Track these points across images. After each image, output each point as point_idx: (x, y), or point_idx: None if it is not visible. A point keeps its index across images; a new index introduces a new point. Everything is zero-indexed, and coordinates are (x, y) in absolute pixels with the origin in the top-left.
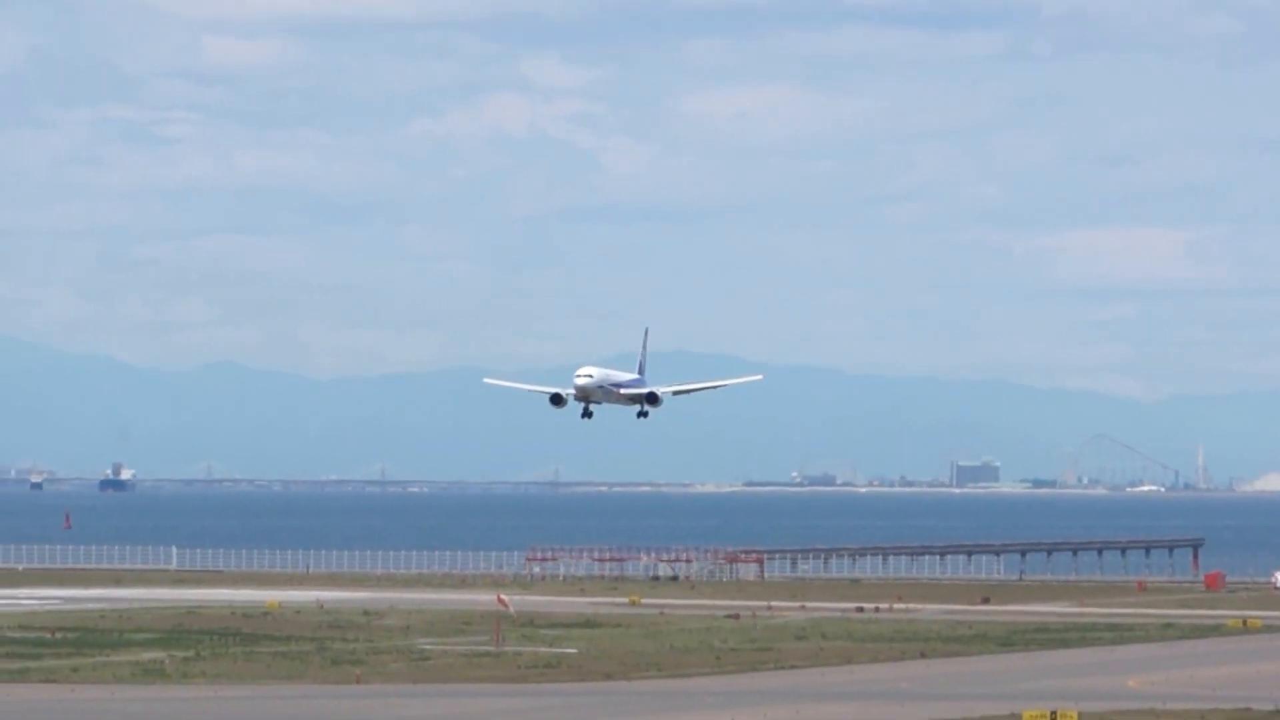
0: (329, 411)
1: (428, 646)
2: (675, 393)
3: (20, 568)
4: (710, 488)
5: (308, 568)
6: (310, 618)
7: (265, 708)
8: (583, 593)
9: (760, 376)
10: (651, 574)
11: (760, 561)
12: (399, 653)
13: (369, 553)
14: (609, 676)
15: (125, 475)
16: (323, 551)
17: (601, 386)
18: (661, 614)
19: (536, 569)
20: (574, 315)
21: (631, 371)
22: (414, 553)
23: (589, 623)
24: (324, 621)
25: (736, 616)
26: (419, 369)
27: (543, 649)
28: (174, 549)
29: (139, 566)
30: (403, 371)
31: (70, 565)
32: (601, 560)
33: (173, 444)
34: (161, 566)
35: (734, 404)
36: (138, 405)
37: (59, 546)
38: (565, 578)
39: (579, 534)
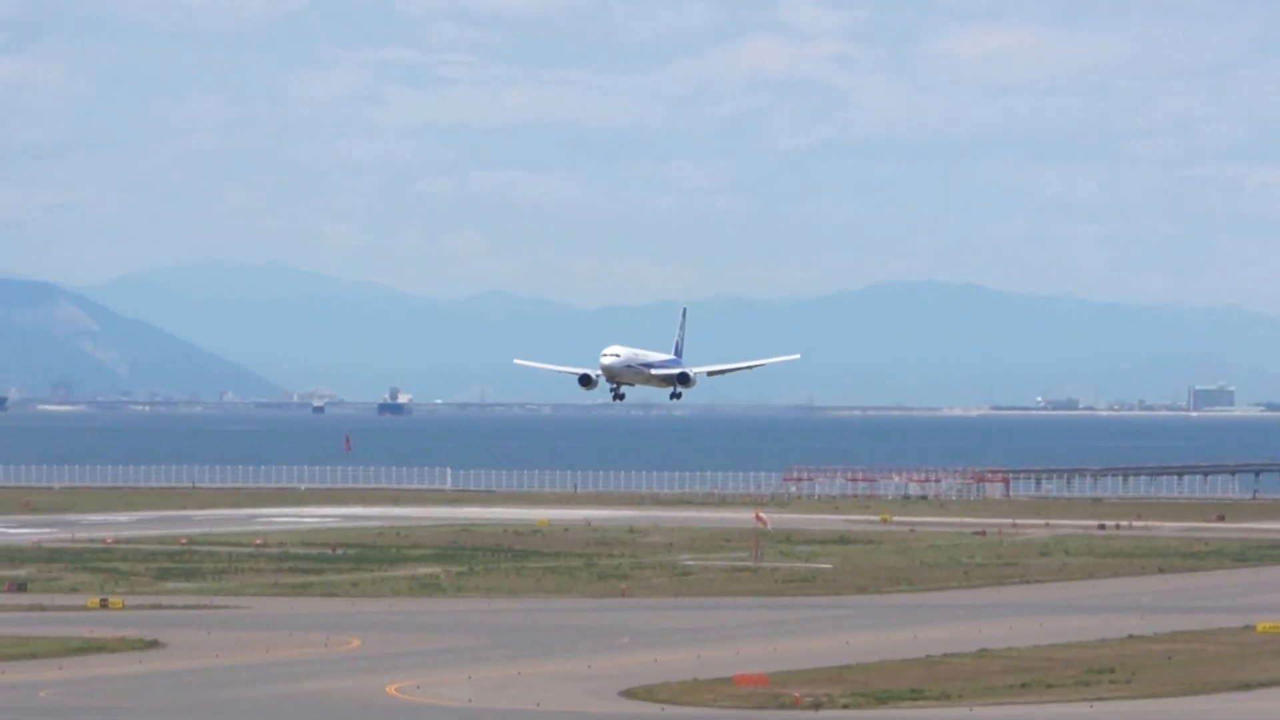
0: (596, 338)
1: (689, 562)
2: (710, 373)
3: (303, 487)
4: (958, 411)
5: (575, 488)
6: (578, 535)
7: (536, 620)
8: (837, 511)
9: (797, 355)
10: (902, 493)
11: (1006, 481)
12: (662, 568)
13: (633, 473)
14: (862, 590)
15: (402, 399)
16: (590, 472)
17: (630, 366)
18: (911, 531)
19: (793, 488)
20: (829, 247)
21: (666, 352)
22: (676, 473)
23: (843, 539)
24: (591, 539)
25: (983, 533)
26: (683, 297)
27: (799, 564)
28: (448, 470)
29: (415, 487)
30: (666, 299)
31: (350, 485)
32: (854, 480)
33: (448, 369)
34: (436, 487)
35: (980, 332)
36: (414, 333)
37: (340, 468)
38: (820, 497)
39: (833, 455)
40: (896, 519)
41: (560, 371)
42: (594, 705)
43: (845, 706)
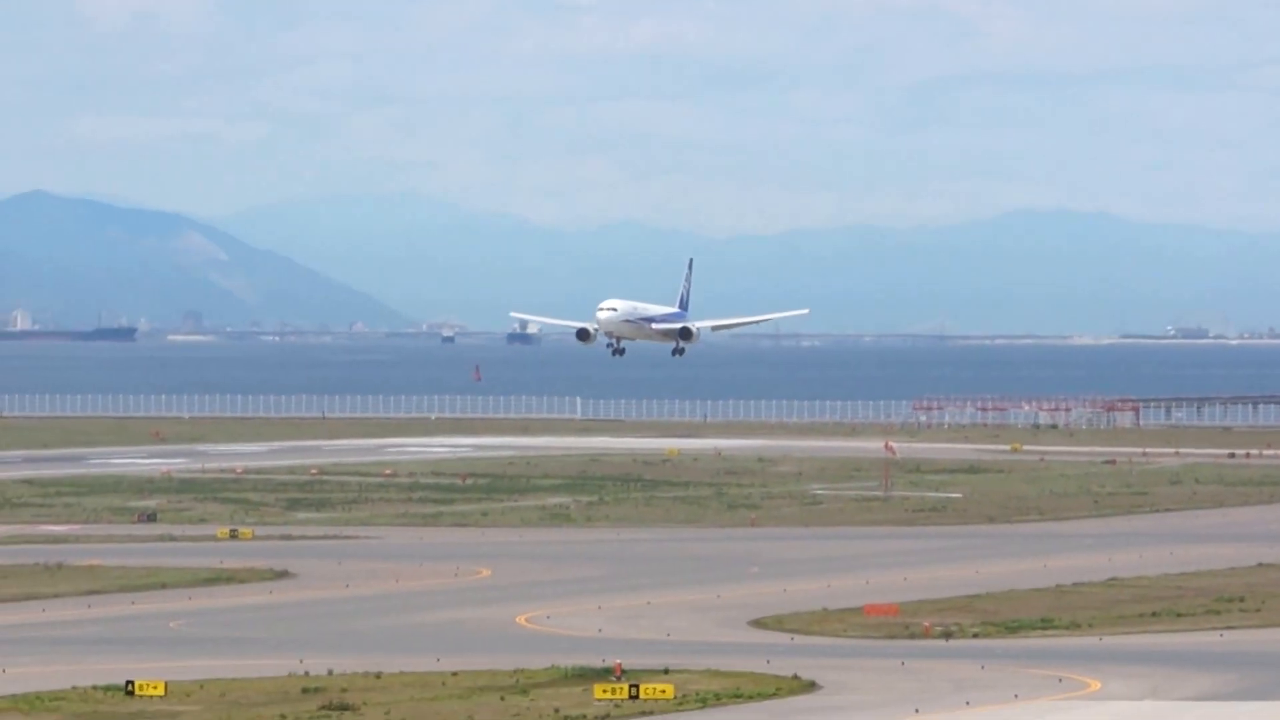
0: (726, 268)
1: (819, 491)
2: (715, 328)
3: (433, 417)
4: (1088, 340)
5: (705, 417)
6: (707, 464)
7: (665, 550)
8: (966, 440)
9: (806, 311)
10: (1032, 422)
11: (1136, 410)
12: (792, 497)
13: (763, 402)
14: (991, 520)
15: (531, 329)
16: (719, 401)
17: (629, 320)
18: (1041, 460)
19: (923, 417)
20: (959, 176)
21: (670, 305)
22: (806, 402)
23: (972, 468)
24: (721, 468)
25: (1113, 462)
26: (812, 227)
27: (928, 494)
28: (577, 399)
29: (544, 416)
30: (797, 229)
31: (480, 415)
32: (984, 409)
33: (578, 300)
34: (566, 416)
35: (1110, 260)
36: (544, 262)
37: (469, 397)
38: (950, 426)
39: (963, 384)
40: (1026, 448)
41: (558, 325)
42: (723, 635)
43: (975, 636)
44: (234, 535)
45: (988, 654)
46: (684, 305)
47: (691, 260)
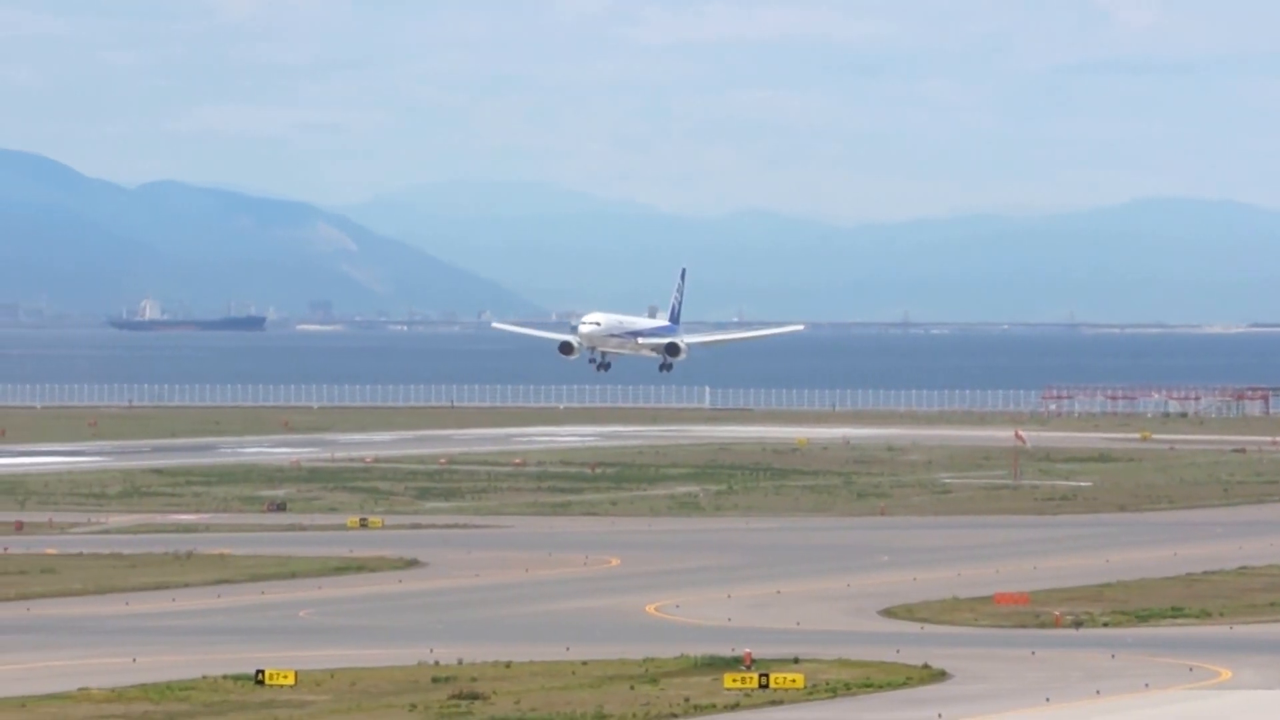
0: (853, 256)
1: (948, 480)
2: (705, 344)
3: (561, 406)
4: (1218, 329)
5: (834, 406)
6: (837, 453)
7: (794, 539)
8: (1096, 429)
9: (801, 326)
10: (1162, 410)
11: (1266, 398)
12: (921, 486)
13: (892, 392)
14: (1122, 508)
15: (660, 319)
16: (848, 390)
17: (613, 334)
18: (1171, 449)
19: (1052, 406)
20: (1086, 164)
21: (661, 319)
22: (935, 391)
23: (1102, 457)
24: (850, 457)
25: (1243, 451)
26: (939, 214)
27: (1058, 482)
28: (706, 389)
29: (673, 405)
30: (923, 217)
31: (608, 404)
32: (1114, 398)
33: (705, 288)
34: (695, 405)
35: (1240, 248)
36: (671, 250)
37: (598, 386)
38: (1079, 414)
39: (1092, 373)
40: (1156, 436)
41: (540, 337)
42: (853, 624)
43: (1106, 625)
44: (364, 524)
45: (1118, 643)
46: (675, 318)
47: (684, 271)
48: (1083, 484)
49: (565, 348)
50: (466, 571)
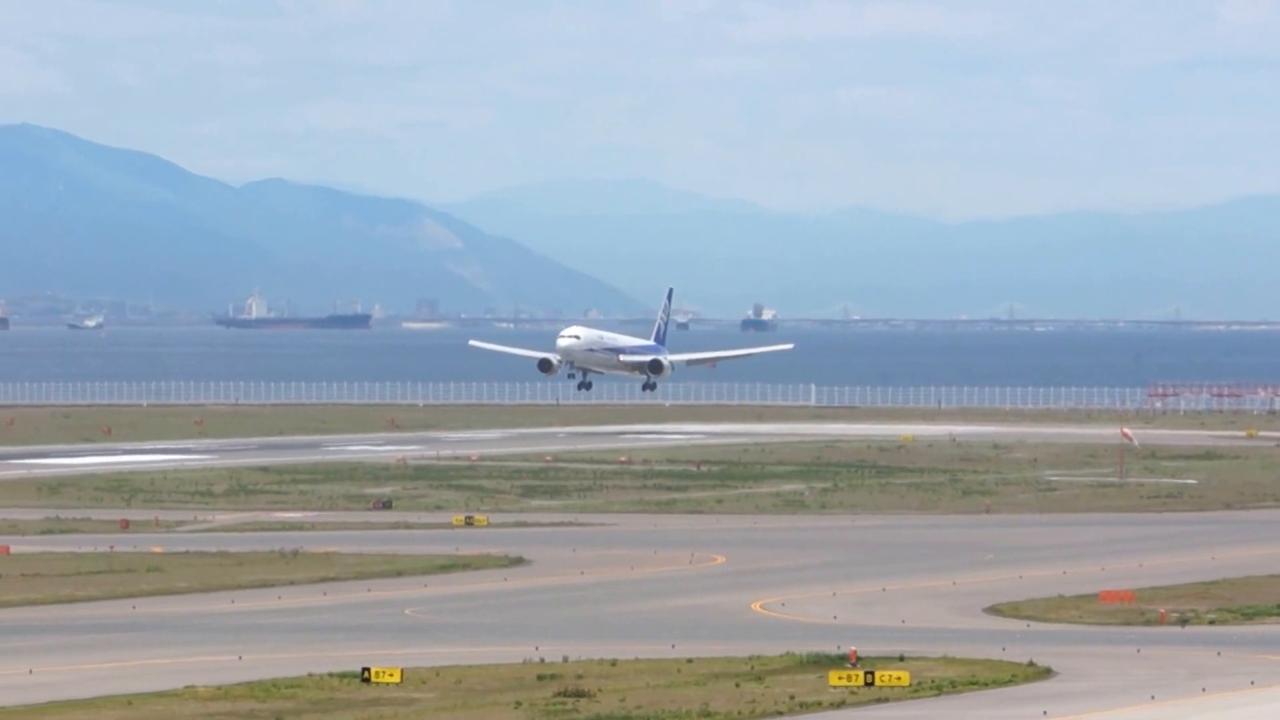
0: (958, 253)
1: (1054, 478)
2: (690, 363)
3: (667, 404)
4: None
5: (940, 403)
6: (942, 451)
7: (900, 536)
8: (1202, 426)
9: (790, 345)
10: (1268, 408)
11: None
12: (1026, 484)
13: (997, 389)
14: (1228, 506)
15: (766, 316)
16: (954, 388)
17: (593, 350)
18: (1278, 446)
19: (1158, 404)
20: (1191, 161)
21: (645, 338)
22: (1040, 389)
23: (1209, 455)
24: (955, 454)
25: None
26: (1044, 212)
27: (1164, 480)
28: (812, 386)
29: (779, 403)
30: (1028, 214)
31: (714, 401)
32: (1220, 395)
33: (810, 286)
34: (801, 403)
35: None
36: (776, 248)
37: (703, 384)
38: (1185, 412)
39: (1198, 370)
40: (1263, 434)
41: (518, 354)
42: (959, 622)
43: (1211, 622)
44: (469, 522)
45: (1224, 641)
46: (660, 339)
47: (670, 291)
48: (1188, 481)
49: (544, 365)
50: (571, 569)
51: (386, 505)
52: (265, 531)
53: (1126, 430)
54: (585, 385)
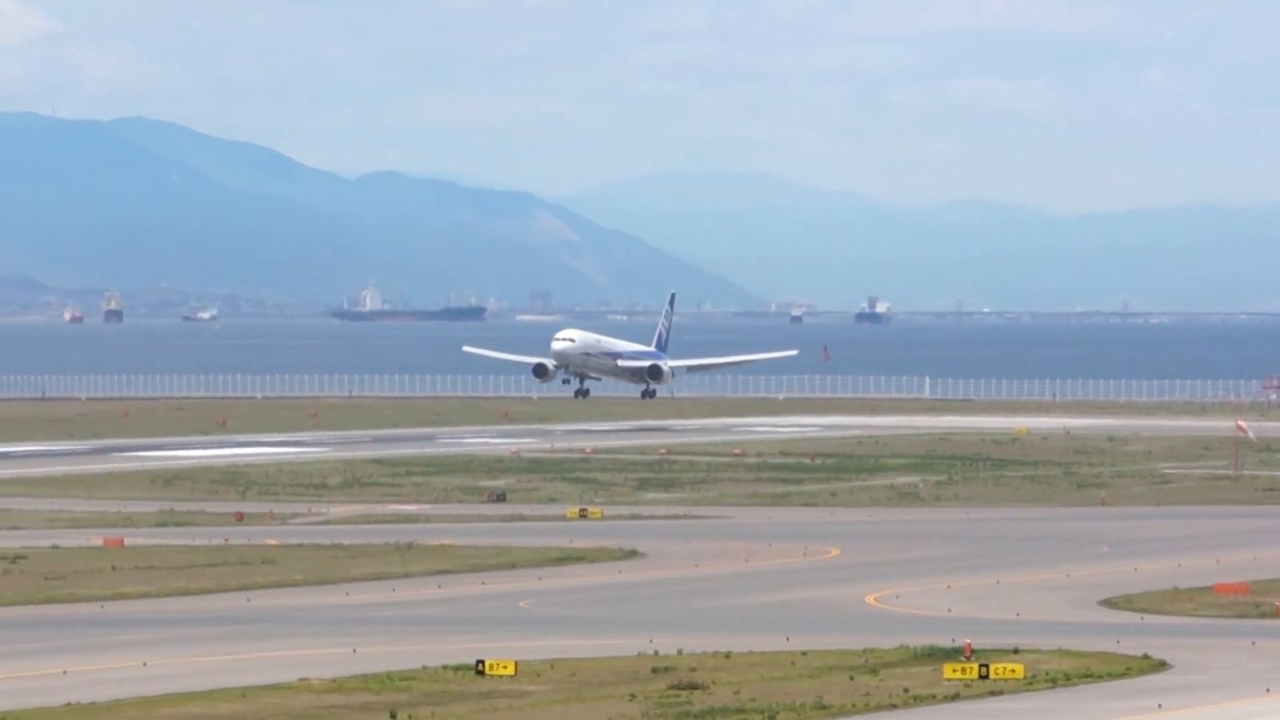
0: (1072, 246)
1: (1169, 470)
2: (691, 368)
3: (780, 397)
4: None
5: (1054, 396)
6: (1057, 443)
7: (1014, 529)
8: None
9: (794, 352)
10: None
11: None
12: (1141, 476)
13: (1112, 381)
14: None
15: (880, 308)
16: (1068, 380)
17: (588, 354)
18: None
19: (1274, 396)
20: None
21: (646, 343)
22: (1155, 381)
23: None
24: (1070, 447)
25: None
26: (1159, 204)
27: (1279, 473)
28: (926, 379)
29: (893, 395)
30: (1142, 207)
31: (828, 394)
32: None
33: (924, 278)
34: (914, 395)
35: None
36: (889, 241)
37: (817, 377)
38: None
39: None
40: None
41: (509, 360)
42: (1073, 614)
43: None
44: (583, 515)
45: None
46: (662, 345)
47: (673, 295)
48: None
49: (539, 370)
50: (685, 562)
51: (501, 498)
52: (379, 524)
53: (1241, 423)
54: (583, 392)
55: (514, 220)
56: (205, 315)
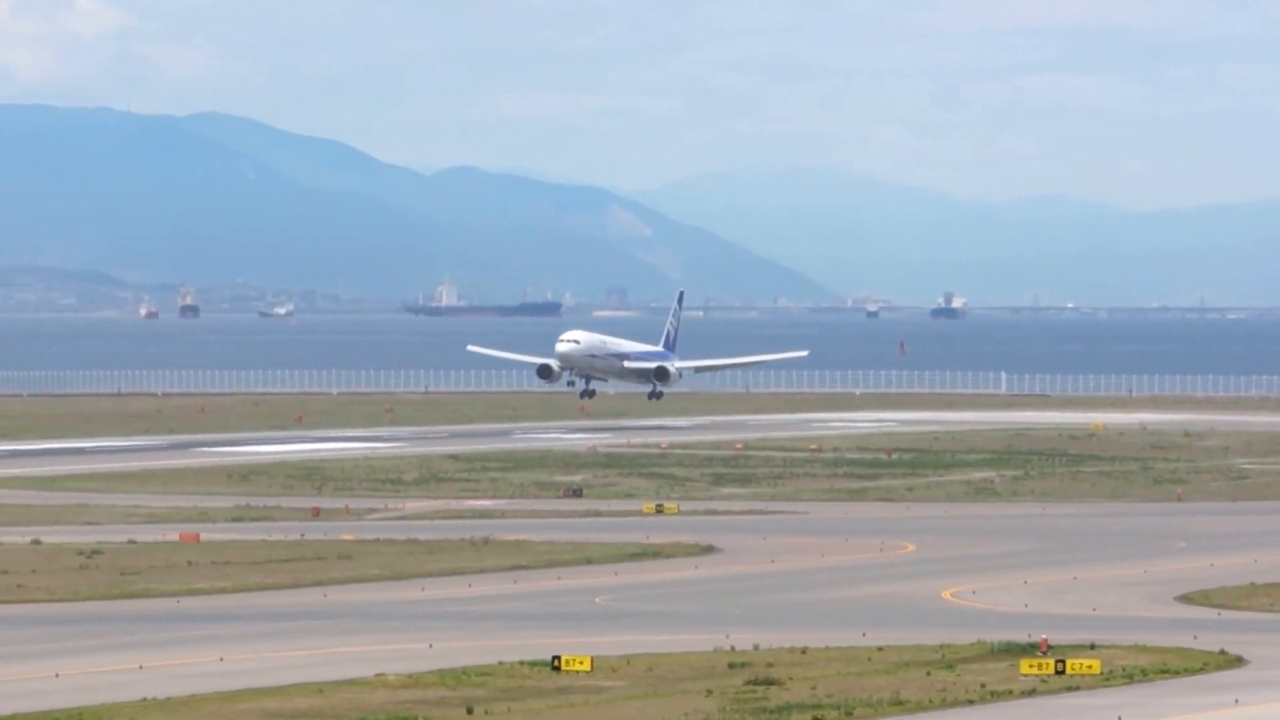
0: (1149, 241)
1: (1246, 466)
2: (699, 369)
3: (858, 392)
4: None
5: (1130, 391)
6: (1133, 439)
7: (1091, 524)
8: None
9: (805, 353)
10: None
11: None
12: (1218, 472)
13: (1189, 376)
14: None
15: (956, 304)
16: (1146, 375)
17: (594, 355)
18: None
19: None
20: None
21: (654, 344)
22: (1232, 376)
23: None
24: (1147, 442)
25: None
26: (1236, 200)
27: None
28: (1003, 374)
29: (969, 391)
30: (1220, 203)
31: (904, 390)
32: None
33: (1000, 273)
34: (991, 391)
35: None
36: (965, 236)
37: (894, 372)
38: None
39: None
40: None
41: (515, 359)
42: (1150, 610)
43: None
44: (659, 510)
45: None
46: (670, 345)
47: (681, 294)
48: None
49: (544, 371)
50: (762, 557)
51: (577, 493)
52: (455, 519)
53: None
54: (589, 393)
55: (589, 215)
56: (281, 311)
